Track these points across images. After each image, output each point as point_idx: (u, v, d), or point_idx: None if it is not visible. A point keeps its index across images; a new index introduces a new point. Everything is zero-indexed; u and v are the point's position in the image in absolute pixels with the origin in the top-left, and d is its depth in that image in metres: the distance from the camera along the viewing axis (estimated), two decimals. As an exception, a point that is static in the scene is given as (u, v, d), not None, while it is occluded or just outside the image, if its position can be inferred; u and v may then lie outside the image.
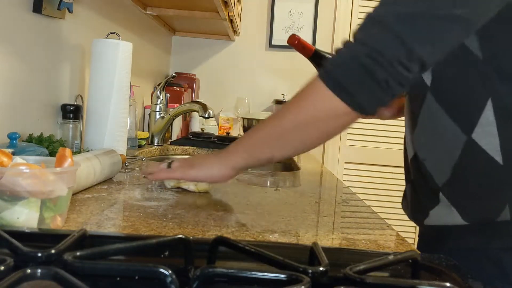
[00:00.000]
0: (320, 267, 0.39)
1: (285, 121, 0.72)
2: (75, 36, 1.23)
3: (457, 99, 0.72)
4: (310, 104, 0.70)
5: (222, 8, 1.72)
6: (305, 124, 0.70)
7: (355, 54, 0.65)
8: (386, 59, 0.63)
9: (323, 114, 0.69)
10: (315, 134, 0.71)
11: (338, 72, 0.66)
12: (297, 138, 0.72)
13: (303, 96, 0.71)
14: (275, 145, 0.74)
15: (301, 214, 0.80)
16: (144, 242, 0.42)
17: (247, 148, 0.77)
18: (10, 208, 0.53)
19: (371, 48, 0.63)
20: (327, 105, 0.67)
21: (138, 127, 1.75)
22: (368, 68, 0.64)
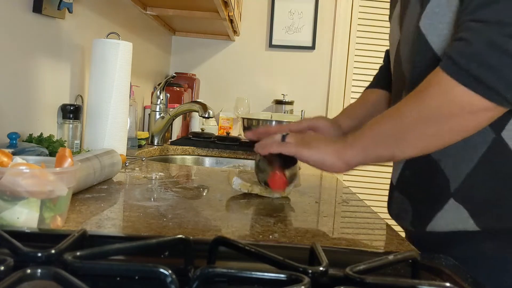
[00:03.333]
0: (320, 267, 0.39)
1: (408, 117, 0.65)
2: (75, 36, 1.23)
3: None
4: (439, 100, 0.62)
5: (222, 8, 1.72)
6: (434, 122, 0.63)
7: (491, 38, 0.56)
8: None
9: (457, 111, 0.61)
10: (447, 133, 0.64)
11: (472, 64, 0.58)
12: (424, 137, 0.65)
13: (429, 90, 0.63)
14: (395, 144, 0.68)
15: (301, 214, 0.80)
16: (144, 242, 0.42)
17: (366, 146, 0.71)
18: (10, 208, 0.53)
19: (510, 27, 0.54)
20: (461, 102, 0.60)
21: (138, 127, 1.75)
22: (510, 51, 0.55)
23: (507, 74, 0.57)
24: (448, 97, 0.61)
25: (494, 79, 0.57)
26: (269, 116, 2.04)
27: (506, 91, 0.58)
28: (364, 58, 2.62)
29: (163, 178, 1.05)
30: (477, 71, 0.58)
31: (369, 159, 0.72)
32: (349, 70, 2.66)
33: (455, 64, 0.60)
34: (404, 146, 0.67)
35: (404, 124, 0.66)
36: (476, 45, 0.58)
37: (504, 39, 0.56)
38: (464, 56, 0.59)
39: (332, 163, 0.73)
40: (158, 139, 1.70)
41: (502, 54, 0.56)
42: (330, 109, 2.67)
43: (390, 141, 0.68)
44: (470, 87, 0.59)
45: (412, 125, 0.65)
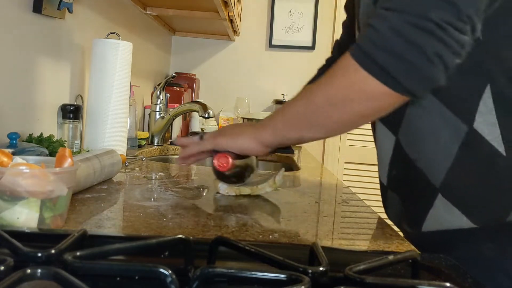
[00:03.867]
0: (320, 267, 0.39)
1: (315, 100, 0.67)
2: (75, 36, 1.23)
3: (453, 86, 0.65)
4: (343, 83, 0.63)
5: (222, 8, 1.72)
6: (338, 105, 0.64)
7: (392, 24, 0.56)
8: (433, 22, 0.54)
9: (358, 95, 0.62)
10: (349, 116, 0.65)
11: (375, 50, 0.58)
12: (328, 119, 0.67)
13: (336, 74, 0.65)
14: (304, 125, 0.69)
15: (301, 214, 0.80)
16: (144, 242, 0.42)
17: (277, 126, 0.73)
18: (10, 208, 0.53)
19: (413, 14, 0.55)
20: (363, 86, 0.60)
21: (138, 127, 1.75)
22: (414, 41, 0.55)
23: (405, 59, 0.57)
24: (351, 81, 0.62)
25: (393, 65, 0.57)
26: (269, 116, 2.03)
27: (404, 78, 0.58)
28: (364, 58, 2.62)
29: (163, 178, 1.05)
30: (378, 56, 0.58)
31: (281, 140, 0.74)
32: (349, 70, 2.66)
33: (360, 49, 0.60)
34: (311, 128, 0.69)
35: (311, 107, 0.68)
36: (380, 31, 0.58)
37: (405, 26, 0.56)
38: (368, 41, 0.60)
39: (250, 146, 0.76)
40: (158, 139, 1.70)
41: (403, 41, 0.56)
42: (330, 109, 2.67)
43: (299, 123, 0.70)
44: (370, 72, 0.59)
45: (319, 108, 0.67)
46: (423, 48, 0.55)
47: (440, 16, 0.54)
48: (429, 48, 0.55)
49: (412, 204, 0.76)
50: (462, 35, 0.55)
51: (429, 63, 0.56)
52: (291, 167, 1.64)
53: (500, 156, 0.65)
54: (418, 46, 0.55)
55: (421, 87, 0.59)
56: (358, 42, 0.62)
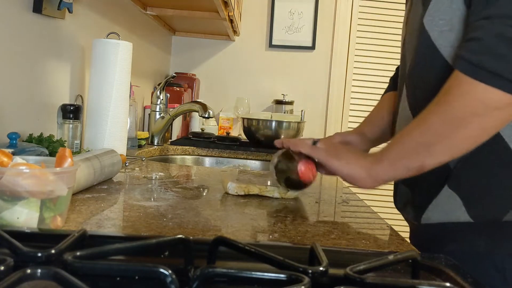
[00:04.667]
0: (320, 267, 0.39)
1: (432, 124, 0.64)
2: (75, 36, 1.23)
3: None
4: (460, 101, 0.61)
5: (222, 8, 1.72)
6: (459, 124, 0.62)
7: (495, 30, 0.57)
8: None
9: (481, 110, 0.60)
10: (473, 132, 0.63)
11: (482, 58, 0.58)
12: (451, 141, 0.64)
13: (449, 94, 0.63)
14: (424, 153, 0.66)
15: (301, 214, 0.80)
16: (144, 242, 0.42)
17: (395, 159, 0.70)
18: (10, 208, 0.53)
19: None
20: (483, 99, 0.59)
21: (138, 127, 1.75)
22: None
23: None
24: (471, 97, 0.61)
25: (506, 69, 0.57)
26: (269, 116, 2.04)
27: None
28: (364, 58, 2.62)
29: (163, 178, 1.05)
30: (490, 64, 0.58)
31: (398, 173, 0.71)
32: (349, 70, 2.66)
33: (470, 62, 0.60)
34: (433, 154, 0.66)
35: (431, 132, 0.65)
36: (485, 40, 0.58)
37: (508, 29, 0.56)
38: (476, 53, 0.59)
39: (361, 178, 0.73)
40: (158, 139, 1.70)
41: (509, 43, 0.56)
42: (330, 109, 2.68)
43: (419, 151, 0.67)
44: (488, 83, 0.58)
45: (439, 131, 0.64)
46: None
47: None
48: None
49: (420, 194, 0.77)
50: None
51: None
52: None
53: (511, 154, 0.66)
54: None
55: None
56: (462, 56, 0.61)
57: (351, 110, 2.68)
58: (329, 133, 2.69)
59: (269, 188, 0.90)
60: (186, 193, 0.91)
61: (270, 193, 0.91)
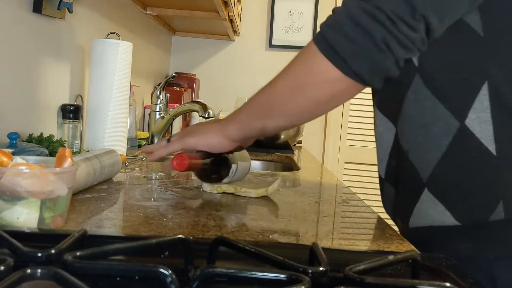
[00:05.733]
0: (320, 267, 0.39)
1: (276, 87, 0.68)
2: (75, 36, 1.23)
3: (449, 81, 0.66)
4: (301, 68, 0.65)
5: (222, 8, 1.72)
6: (296, 90, 0.66)
7: (350, 11, 0.60)
8: (385, 13, 0.57)
9: (315, 79, 0.63)
10: (306, 101, 0.66)
11: (330, 33, 0.61)
12: (288, 106, 0.67)
13: (296, 60, 0.67)
14: (267, 114, 0.70)
15: (301, 214, 0.80)
16: (144, 242, 0.42)
17: (241, 118, 0.74)
18: (10, 208, 0.53)
19: (369, 3, 0.58)
20: (318, 69, 0.62)
21: (138, 127, 1.75)
22: (364, 26, 0.58)
23: (354, 42, 0.59)
24: (309, 65, 0.64)
25: (343, 46, 0.60)
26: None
27: (352, 60, 0.60)
28: (364, 58, 2.62)
29: (163, 178, 1.05)
30: (333, 39, 0.60)
31: (245, 132, 0.75)
32: (349, 70, 2.66)
33: (320, 32, 0.63)
34: (273, 117, 0.70)
35: (272, 95, 0.69)
36: (337, 15, 0.62)
37: (359, 11, 0.59)
38: (327, 25, 0.62)
39: (217, 141, 0.77)
40: (158, 139, 1.70)
41: (354, 25, 0.59)
42: (330, 109, 2.67)
43: (261, 112, 0.71)
44: (325, 54, 0.61)
45: (279, 95, 0.68)
46: (372, 34, 0.57)
47: (393, 9, 0.57)
48: (378, 35, 0.57)
49: (403, 197, 0.76)
50: (412, 32, 0.57)
51: (376, 49, 0.58)
52: (291, 167, 1.64)
53: (489, 155, 0.65)
54: (367, 31, 0.57)
55: (369, 72, 0.60)
56: (321, 25, 0.64)
57: (351, 110, 2.68)
58: (329, 133, 2.69)
59: (244, 189, 0.91)
60: (186, 193, 0.91)
61: (246, 194, 0.91)
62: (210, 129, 0.78)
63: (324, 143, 2.70)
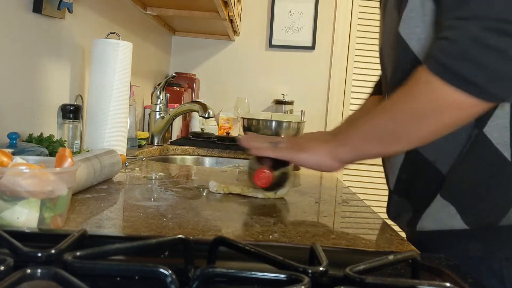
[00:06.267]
0: (320, 267, 0.39)
1: (397, 114, 0.66)
2: (75, 36, 1.23)
3: None
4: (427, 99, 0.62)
5: (222, 8, 1.72)
6: (422, 117, 0.63)
7: (470, 33, 0.55)
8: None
9: (444, 109, 0.61)
10: (433, 128, 0.64)
11: (457, 63, 0.57)
12: (411, 133, 0.66)
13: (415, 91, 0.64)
14: (387, 140, 0.69)
15: (301, 214, 0.80)
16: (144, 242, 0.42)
17: (357, 142, 0.73)
18: (10, 208, 0.53)
19: (491, 19, 0.54)
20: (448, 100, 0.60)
21: (138, 127, 1.75)
22: (494, 45, 0.54)
23: (490, 68, 0.56)
24: (436, 96, 0.62)
25: (477, 75, 0.57)
26: (269, 116, 2.04)
27: (492, 87, 0.57)
28: (364, 58, 2.62)
29: (163, 178, 1.05)
30: (461, 68, 0.58)
31: (360, 156, 0.74)
32: (349, 70, 2.66)
33: (440, 63, 0.60)
34: (393, 143, 0.69)
35: (394, 122, 0.67)
36: (459, 42, 0.58)
37: (484, 32, 0.56)
38: (448, 54, 0.59)
39: (327, 164, 0.76)
40: (158, 139, 1.70)
41: (485, 49, 0.56)
42: (330, 109, 2.68)
43: (381, 138, 0.69)
44: (455, 85, 0.59)
45: (403, 122, 0.66)
46: (507, 52, 0.54)
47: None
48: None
49: (413, 202, 0.77)
50: None
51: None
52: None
53: (504, 160, 0.65)
54: (502, 51, 0.54)
55: (509, 92, 0.58)
56: (433, 55, 0.61)
57: (351, 110, 2.68)
58: (329, 133, 2.69)
59: (251, 189, 0.91)
60: (186, 193, 0.91)
61: (253, 194, 0.91)
62: (321, 148, 0.77)
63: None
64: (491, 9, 0.55)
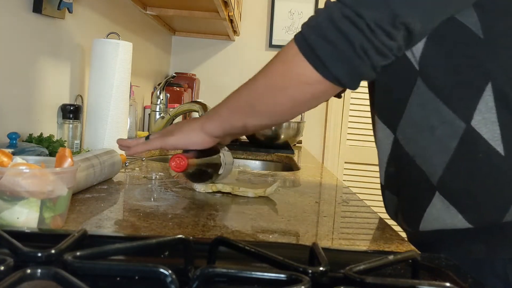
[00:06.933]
0: (320, 267, 0.39)
1: (257, 86, 0.69)
2: (75, 36, 1.23)
3: (452, 83, 0.65)
4: (281, 68, 0.66)
5: (222, 8, 1.72)
6: (276, 89, 0.67)
7: (332, 15, 0.59)
8: (365, 21, 0.57)
9: (294, 81, 0.64)
10: (286, 101, 0.67)
11: (312, 36, 0.61)
12: (268, 105, 0.69)
13: (277, 59, 0.68)
14: (247, 112, 0.71)
15: (301, 214, 0.80)
16: (144, 242, 0.42)
17: (222, 115, 0.75)
18: (10, 208, 0.53)
19: (351, 8, 0.58)
20: (298, 71, 0.63)
21: (138, 127, 1.75)
22: (344, 31, 0.58)
23: (335, 48, 0.60)
24: (290, 66, 0.65)
25: (324, 50, 0.60)
26: (269, 116, 2.03)
27: (332, 64, 0.60)
28: (364, 58, 2.62)
29: (163, 178, 1.05)
30: (314, 42, 0.61)
31: (226, 129, 0.76)
32: (349, 70, 2.66)
33: (301, 33, 0.63)
34: (253, 115, 0.71)
35: (253, 93, 0.70)
36: (319, 18, 0.61)
37: (340, 17, 0.59)
38: (310, 28, 0.62)
39: (197, 140, 0.78)
40: (158, 139, 1.70)
41: (335, 30, 0.59)
42: (330, 109, 2.68)
43: (242, 110, 0.72)
44: (306, 56, 0.62)
45: (259, 94, 0.69)
46: (352, 40, 0.58)
47: (373, 18, 0.57)
48: (357, 42, 0.58)
49: (410, 202, 0.75)
50: (390, 40, 0.58)
51: (355, 55, 0.59)
52: (291, 167, 1.64)
53: (498, 155, 0.64)
54: (348, 37, 0.58)
55: (348, 76, 0.61)
56: (302, 26, 0.64)
57: (351, 110, 2.68)
58: (329, 133, 2.69)
59: (242, 189, 0.91)
60: (186, 193, 0.91)
61: (243, 194, 0.91)
62: (189, 127, 0.79)
63: (324, 143, 2.70)
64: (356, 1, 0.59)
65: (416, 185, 0.73)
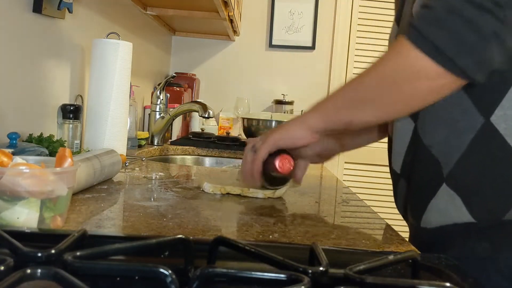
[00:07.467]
0: (320, 267, 0.39)
1: (369, 80, 0.66)
2: (75, 36, 1.23)
3: None
4: (397, 63, 0.62)
5: (222, 8, 1.72)
6: (391, 84, 0.63)
7: (449, 2, 0.55)
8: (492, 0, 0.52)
9: (413, 76, 0.61)
10: (402, 95, 0.63)
11: (431, 29, 0.57)
12: (381, 99, 0.65)
13: (388, 57, 0.64)
14: (357, 106, 0.68)
15: (301, 214, 0.80)
16: (144, 242, 0.42)
17: (325, 110, 0.73)
18: (10, 208, 0.53)
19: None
20: (416, 67, 0.60)
21: (138, 127, 1.75)
22: (469, 17, 0.54)
23: (462, 40, 0.56)
24: (404, 62, 0.61)
25: (449, 44, 0.57)
26: (269, 116, 2.04)
27: (459, 58, 0.57)
28: (364, 58, 2.62)
29: (163, 178, 1.05)
30: (433, 35, 0.58)
31: (330, 123, 0.73)
32: (349, 70, 2.66)
33: (415, 29, 0.60)
34: (363, 109, 0.68)
35: (363, 89, 0.67)
36: (436, 9, 0.58)
37: (462, 3, 0.56)
38: (424, 20, 0.59)
39: (299, 135, 0.76)
40: (158, 139, 1.70)
41: (459, 19, 0.55)
42: (330, 109, 2.67)
43: (350, 104, 0.69)
44: (424, 51, 0.59)
45: (370, 88, 0.66)
46: (481, 27, 0.54)
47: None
48: (487, 27, 0.54)
49: (418, 193, 0.75)
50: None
51: (485, 43, 0.55)
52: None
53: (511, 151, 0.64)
54: (476, 24, 0.54)
55: (476, 68, 0.57)
56: (412, 23, 0.61)
57: (351, 110, 2.68)
58: (329, 133, 2.69)
59: (252, 190, 0.90)
60: (186, 193, 0.91)
61: (253, 195, 0.90)
62: (292, 123, 0.78)
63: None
64: None
65: (427, 175, 0.72)
